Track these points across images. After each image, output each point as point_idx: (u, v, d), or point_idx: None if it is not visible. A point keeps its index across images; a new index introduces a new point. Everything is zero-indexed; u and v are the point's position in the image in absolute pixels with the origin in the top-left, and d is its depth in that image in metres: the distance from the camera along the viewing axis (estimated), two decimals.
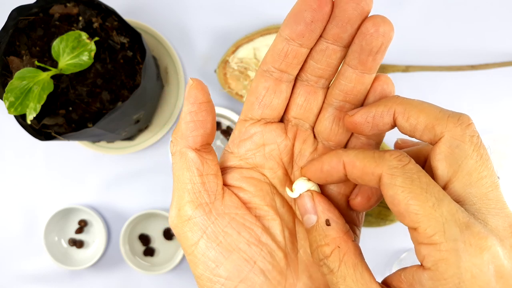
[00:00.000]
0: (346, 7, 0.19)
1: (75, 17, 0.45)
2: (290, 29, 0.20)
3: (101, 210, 0.61)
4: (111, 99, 0.45)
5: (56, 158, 0.61)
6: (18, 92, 0.41)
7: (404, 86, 0.60)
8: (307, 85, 0.23)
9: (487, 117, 0.61)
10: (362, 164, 0.20)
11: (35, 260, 0.61)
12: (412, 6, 0.60)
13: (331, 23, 0.20)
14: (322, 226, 0.21)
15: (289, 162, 0.24)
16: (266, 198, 0.23)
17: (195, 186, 0.22)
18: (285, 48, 0.20)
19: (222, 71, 0.56)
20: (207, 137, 0.22)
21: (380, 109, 0.21)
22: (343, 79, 0.22)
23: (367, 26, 0.20)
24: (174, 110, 0.59)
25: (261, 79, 0.22)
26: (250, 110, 0.23)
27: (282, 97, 0.23)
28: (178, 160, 0.22)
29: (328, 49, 0.21)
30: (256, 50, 0.54)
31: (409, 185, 0.18)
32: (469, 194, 0.19)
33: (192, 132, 0.22)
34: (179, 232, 0.22)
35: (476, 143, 0.19)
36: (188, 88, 0.22)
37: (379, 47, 0.20)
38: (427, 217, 0.18)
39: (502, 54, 0.60)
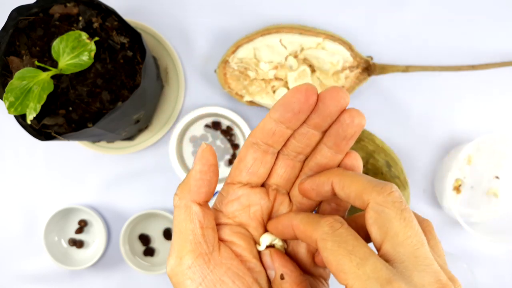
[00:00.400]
0: (329, 103, 0.23)
1: (75, 17, 0.45)
2: (280, 114, 0.24)
3: (101, 210, 0.61)
4: (111, 99, 0.45)
5: (56, 158, 0.61)
6: (18, 92, 0.41)
7: (404, 86, 0.60)
8: (287, 159, 0.26)
9: (487, 117, 0.61)
10: (304, 228, 0.24)
11: (35, 260, 0.61)
12: (412, 6, 0.60)
13: (314, 113, 0.24)
14: (278, 280, 0.25)
15: (268, 221, 0.28)
16: (253, 251, 0.26)
17: (196, 237, 0.24)
18: (273, 128, 0.24)
19: (222, 71, 0.56)
20: (209, 195, 0.25)
21: (322, 179, 0.25)
22: (319, 155, 0.26)
23: (345, 117, 0.24)
24: (174, 110, 0.59)
25: (250, 149, 0.26)
26: (238, 175, 0.26)
27: (267, 167, 0.26)
28: (182, 212, 0.25)
29: (308, 133, 0.25)
30: (256, 50, 0.54)
31: (337, 248, 0.21)
32: (398, 253, 0.21)
33: (199, 189, 0.25)
34: (178, 280, 0.24)
35: (398, 207, 0.22)
36: (200, 151, 0.25)
37: (352, 134, 0.24)
38: (352, 275, 0.20)
39: (502, 54, 0.60)
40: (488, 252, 0.61)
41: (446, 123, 0.61)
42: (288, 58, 0.55)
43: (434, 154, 0.61)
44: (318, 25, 0.59)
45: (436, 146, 0.61)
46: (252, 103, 0.57)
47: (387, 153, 0.52)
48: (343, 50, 0.55)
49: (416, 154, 0.61)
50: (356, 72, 0.56)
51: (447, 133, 0.61)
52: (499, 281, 0.61)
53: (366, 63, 0.56)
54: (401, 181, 0.51)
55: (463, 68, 0.57)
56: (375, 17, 0.60)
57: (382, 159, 0.51)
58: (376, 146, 0.52)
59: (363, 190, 0.23)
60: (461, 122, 0.61)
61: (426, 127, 0.61)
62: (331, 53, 0.54)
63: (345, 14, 0.60)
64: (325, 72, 0.55)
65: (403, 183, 0.52)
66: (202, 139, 0.60)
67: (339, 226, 0.22)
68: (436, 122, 0.61)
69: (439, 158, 0.61)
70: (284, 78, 0.55)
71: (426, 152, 0.61)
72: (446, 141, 0.61)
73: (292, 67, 0.55)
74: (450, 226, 0.61)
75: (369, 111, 0.60)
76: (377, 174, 0.50)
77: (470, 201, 0.59)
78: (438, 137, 0.61)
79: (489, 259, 0.61)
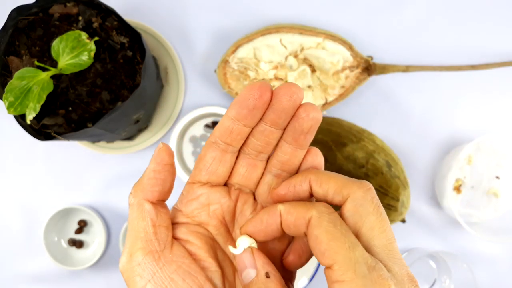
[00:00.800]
0: (282, 99, 0.23)
1: (74, 17, 0.45)
2: (236, 112, 0.24)
3: (101, 210, 0.61)
4: (111, 99, 0.45)
5: (56, 158, 0.61)
6: (18, 92, 0.41)
7: (404, 86, 0.60)
8: (249, 158, 0.27)
9: (487, 117, 0.61)
10: (296, 210, 0.24)
11: (35, 260, 0.61)
12: (412, 6, 0.60)
13: (269, 110, 0.24)
14: (262, 279, 0.24)
15: (231, 221, 0.28)
16: (210, 251, 0.26)
17: (148, 235, 0.24)
18: (230, 126, 0.25)
19: (222, 71, 0.55)
20: (164, 194, 0.25)
21: (299, 179, 0.25)
22: (280, 152, 0.26)
23: (300, 111, 0.24)
24: (173, 110, 0.59)
25: (209, 149, 0.26)
26: (198, 175, 0.26)
27: (227, 166, 0.26)
28: (135, 210, 0.25)
29: (266, 130, 0.25)
30: (256, 50, 0.54)
31: (332, 228, 0.22)
32: (373, 245, 0.23)
33: (152, 187, 0.25)
34: (128, 276, 0.24)
35: (376, 203, 0.23)
36: (157, 150, 0.25)
37: (308, 128, 0.24)
38: (343, 256, 0.21)
39: (502, 54, 0.60)
40: (488, 252, 0.61)
41: (446, 123, 0.61)
42: (288, 58, 0.55)
43: (434, 154, 0.61)
44: (318, 25, 0.59)
45: (436, 146, 0.61)
46: None
47: (387, 153, 0.52)
48: (343, 50, 0.54)
49: (416, 154, 0.61)
50: (356, 72, 0.56)
51: (447, 133, 0.61)
52: (499, 281, 0.61)
53: (366, 63, 0.56)
54: (401, 181, 0.51)
55: (463, 68, 0.57)
56: (375, 17, 0.60)
57: (382, 159, 0.51)
58: (376, 146, 0.52)
59: (342, 185, 0.24)
60: (461, 122, 0.61)
61: (426, 127, 0.61)
62: (331, 53, 0.54)
63: (345, 14, 0.60)
64: (325, 72, 0.55)
65: (403, 183, 0.52)
66: (202, 139, 0.60)
67: (333, 210, 0.23)
68: (436, 122, 0.61)
69: (439, 158, 0.61)
70: (284, 78, 0.55)
71: (426, 152, 0.61)
72: (446, 141, 0.61)
73: (292, 67, 0.55)
74: (450, 226, 0.61)
75: (369, 111, 0.60)
76: (377, 174, 0.50)
77: (470, 201, 0.59)
78: (438, 137, 0.61)
79: (489, 259, 0.61)
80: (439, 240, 0.61)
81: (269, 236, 0.25)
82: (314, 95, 0.56)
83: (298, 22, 0.59)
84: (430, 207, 0.61)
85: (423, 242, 0.61)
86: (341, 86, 0.56)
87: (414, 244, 0.61)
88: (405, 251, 0.60)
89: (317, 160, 0.27)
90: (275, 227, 0.25)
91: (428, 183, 0.61)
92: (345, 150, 0.50)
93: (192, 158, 0.60)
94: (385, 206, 0.51)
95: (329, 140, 0.51)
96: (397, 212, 0.52)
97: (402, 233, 0.61)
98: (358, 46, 0.59)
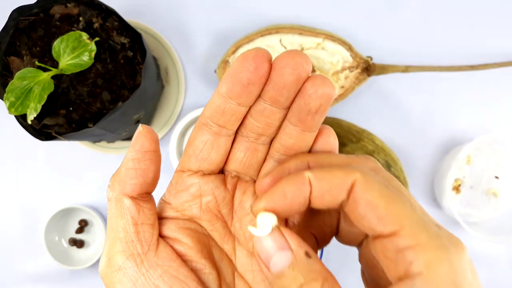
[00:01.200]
0: (282, 71, 0.19)
1: (75, 18, 0.45)
2: (227, 88, 0.20)
3: (102, 210, 0.61)
4: (112, 99, 0.45)
5: (57, 158, 0.61)
6: (19, 92, 0.41)
7: (404, 86, 0.60)
8: (247, 141, 0.22)
9: (487, 117, 0.61)
10: (331, 175, 0.19)
11: (36, 259, 0.61)
12: (412, 6, 0.60)
13: (268, 85, 0.20)
14: (303, 261, 0.18)
15: (229, 214, 0.24)
16: (203, 250, 0.22)
17: (128, 235, 0.21)
18: (222, 105, 0.20)
19: (222, 71, 0.56)
20: (146, 186, 0.22)
21: (293, 163, 0.21)
22: (284, 134, 0.22)
23: (306, 87, 0.19)
24: (174, 110, 0.59)
25: (199, 132, 0.22)
26: (187, 162, 0.23)
27: (221, 151, 0.22)
28: (113, 206, 0.21)
29: (266, 110, 0.21)
30: None
31: (386, 190, 0.18)
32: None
33: (131, 180, 0.21)
34: (108, 282, 0.21)
35: (387, 174, 0.20)
36: (136, 135, 0.21)
37: (317, 107, 0.20)
38: (409, 218, 0.18)
39: (501, 54, 0.60)
40: (487, 252, 0.61)
41: (445, 123, 0.61)
42: None
43: (433, 154, 0.61)
44: (318, 25, 0.59)
45: (436, 146, 0.61)
46: None
47: (387, 153, 0.52)
48: (343, 50, 0.55)
49: (416, 154, 0.61)
50: (356, 72, 0.56)
51: (446, 133, 0.61)
52: (498, 281, 0.61)
53: (366, 63, 0.56)
54: (400, 181, 0.52)
55: (463, 68, 0.58)
56: (375, 17, 0.60)
57: (381, 159, 0.51)
58: (376, 146, 0.52)
59: (348, 161, 0.21)
60: (461, 122, 0.61)
61: (426, 127, 0.61)
62: (331, 53, 0.54)
63: (345, 14, 0.60)
64: (325, 72, 0.55)
65: (403, 182, 0.52)
66: None
67: (381, 167, 0.20)
68: (436, 122, 0.61)
69: (439, 158, 0.61)
70: None
71: (425, 152, 0.61)
72: (446, 141, 0.61)
73: None
74: (450, 226, 0.61)
75: (369, 111, 0.60)
76: None
77: (470, 201, 0.59)
78: (438, 137, 0.61)
79: (489, 259, 0.61)
80: None
81: (294, 211, 0.20)
82: None
83: (298, 22, 0.60)
84: (430, 207, 0.61)
85: None
86: (341, 87, 0.56)
87: None
88: None
89: (330, 142, 0.22)
90: (302, 200, 0.19)
91: (427, 183, 0.61)
92: (345, 150, 0.50)
93: None
94: None
95: None
96: None
97: None
98: (357, 46, 0.59)
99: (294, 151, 0.22)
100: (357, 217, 0.19)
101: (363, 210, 0.18)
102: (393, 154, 0.54)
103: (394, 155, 0.54)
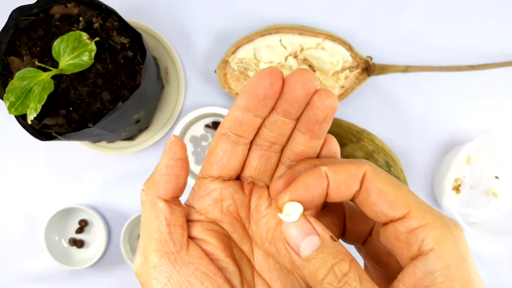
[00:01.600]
0: (294, 87, 0.22)
1: (75, 18, 0.45)
2: (245, 102, 0.22)
3: (102, 210, 0.61)
4: (112, 99, 0.45)
5: (57, 158, 0.61)
6: (19, 92, 0.41)
7: (404, 86, 0.60)
8: (261, 150, 0.25)
9: (487, 117, 0.61)
10: (344, 168, 0.22)
11: (36, 259, 0.61)
12: (412, 6, 0.60)
13: (281, 99, 0.22)
14: (330, 244, 0.21)
15: (246, 217, 0.26)
16: (226, 250, 0.24)
17: (162, 235, 0.23)
18: (240, 116, 0.23)
19: (222, 71, 0.56)
20: (178, 190, 0.24)
21: (302, 166, 0.24)
22: (294, 142, 0.24)
23: (314, 100, 0.22)
24: (174, 110, 0.59)
25: (219, 141, 0.24)
26: (209, 169, 0.25)
27: (239, 159, 0.25)
28: (148, 209, 0.23)
29: (278, 121, 0.23)
30: (256, 50, 0.54)
31: (391, 179, 0.21)
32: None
33: (165, 184, 0.23)
34: (143, 279, 0.22)
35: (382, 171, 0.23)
36: (168, 144, 0.23)
37: (324, 117, 0.23)
38: (415, 202, 0.21)
39: (501, 55, 0.60)
40: (487, 252, 0.61)
41: (445, 123, 0.61)
42: (288, 59, 0.55)
43: (433, 154, 0.61)
44: (318, 26, 0.60)
45: (436, 146, 0.61)
46: None
47: (387, 153, 0.52)
48: (343, 51, 0.55)
49: (416, 154, 0.61)
50: (355, 72, 0.56)
51: (446, 133, 0.61)
52: (498, 281, 0.61)
53: (366, 63, 0.56)
54: (400, 181, 0.52)
55: (463, 69, 0.58)
56: (374, 18, 0.60)
57: (381, 159, 0.51)
58: (376, 146, 0.52)
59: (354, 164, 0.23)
60: (461, 122, 0.61)
61: (426, 127, 0.61)
62: (331, 54, 0.54)
63: (345, 14, 0.60)
64: (325, 72, 0.55)
65: (403, 182, 0.52)
66: (202, 139, 0.60)
67: (378, 167, 0.23)
68: (436, 122, 0.61)
69: (439, 158, 0.61)
70: None
71: (425, 152, 0.61)
72: (445, 141, 0.61)
73: (292, 67, 0.55)
74: None
75: (369, 111, 0.61)
76: None
77: (470, 201, 0.59)
78: (438, 137, 0.61)
79: (488, 259, 0.61)
80: None
81: (315, 202, 0.22)
82: None
83: (298, 22, 0.60)
84: None
85: None
86: (341, 87, 0.56)
87: None
88: None
89: (333, 149, 0.25)
90: (321, 192, 0.22)
91: (427, 183, 0.61)
92: (345, 150, 0.50)
93: (193, 158, 0.60)
94: None
95: None
96: None
97: None
98: (357, 46, 0.59)
99: (303, 157, 0.25)
100: (370, 205, 0.21)
101: (375, 198, 0.21)
102: (393, 154, 0.54)
103: (394, 155, 0.54)
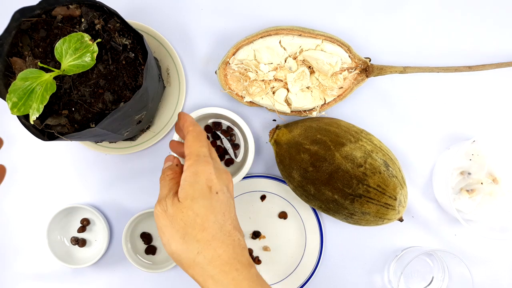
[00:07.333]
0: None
1: (77, 19, 0.46)
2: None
3: (104, 209, 0.62)
4: (114, 99, 0.45)
5: (59, 158, 0.61)
6: (21, 93, 0.41)
7: (402, 87, 0.61)
8: None
9: (485, 117, 0.61)
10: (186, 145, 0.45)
11: (38, 258, 0.62)
12: (410, 8, 0.61)
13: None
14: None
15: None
16: None
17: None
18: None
19: (222, 72, 0.56)
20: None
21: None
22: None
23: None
24: (175, 111, 0.60)
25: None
26: None
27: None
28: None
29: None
30: (256, 51, 0.55)
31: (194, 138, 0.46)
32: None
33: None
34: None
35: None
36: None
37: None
38: (190, 148, 0.44)
39: (498, 56, 0.61)
40: (486, 250, 0.62)
41: (443, 124, 0.61)
42: (288, 60, 0.55)
43: (432, 154, 0.61)
44: (317, 27, 0.60)
45: (434, 146, 0.61)
46: (252, 103, 0.58)
47: (385, 152, 0.53)
48: (342, 52, 0.55)
49: (414, 153, 0.61)
50: (354, 73, 0.56)
51: (444, 133, 0.61)
52: (496, 279, 0.61)
53: (364, 64, 0.56)
54: (399, 180, 0.52)
55: (460, 69, 0.58)
56: (373, 19, 0.61)
57: (380, 159, 0.51)
58: (374, 146, 0.52)
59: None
60: (459, 122, 0.61)
61: (424, 127, 0.61)
62: (329, 55, 0.54)
63: (343, 16, 0.60)
64: (324, 73, 0.55)
65: (401, 182, 0.53)
66: None
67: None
68: (434, 122, 0.61)
69: (437, 158, 0.61)
70: (283, 79, 0.56)
71: (424, 152, 0.61)
72: (444, 141, 0.61)
73: (291, 68, 0.55)
74: (448, 225, 0.62)
75: (367, 112, 0.61)
76: (375, 173, 0.50)
77: (469, 200, 0.60)
78: (436, 137, 0.61)
79: (487, 258, 0.62)
80: (436, 238, 0.61)
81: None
82: (313, 96, 0.57)
83: (297, 24, 0.60)
84: (428, 206, 0.62)
85: (421, 240, 0.62)
86: (340, 87, 0.57)
87: (412, 243, 0.62)
88: (403, 250, 0.60)
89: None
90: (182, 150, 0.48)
91: (425, 182, 0.62)
92: (344, 150, 0.51)
93: None
94: (382, 205, 0.51)
95: (327, 140, 0.52)
96: (395, 211, 0.53)
97: (400, 232, 0.61)
98: (356, 47, 0.60)
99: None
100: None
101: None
102: (391, 154, 0.54)
103: (392, 154, 0.54)
